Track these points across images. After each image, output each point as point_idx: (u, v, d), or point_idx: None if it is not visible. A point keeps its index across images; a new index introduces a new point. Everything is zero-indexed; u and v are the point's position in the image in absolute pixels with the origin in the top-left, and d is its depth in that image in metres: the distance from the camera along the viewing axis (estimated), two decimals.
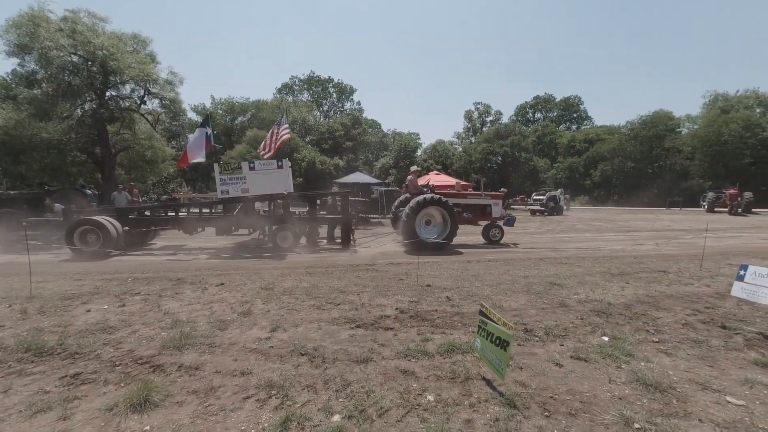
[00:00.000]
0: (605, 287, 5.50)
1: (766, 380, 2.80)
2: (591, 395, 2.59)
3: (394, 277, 6.10)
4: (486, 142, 43.63)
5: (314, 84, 59.13)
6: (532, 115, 66.90)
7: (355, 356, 3.19)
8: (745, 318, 4.22)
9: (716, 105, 40.72)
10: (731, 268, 6.48)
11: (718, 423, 2.28)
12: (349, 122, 43.12)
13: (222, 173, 9.52)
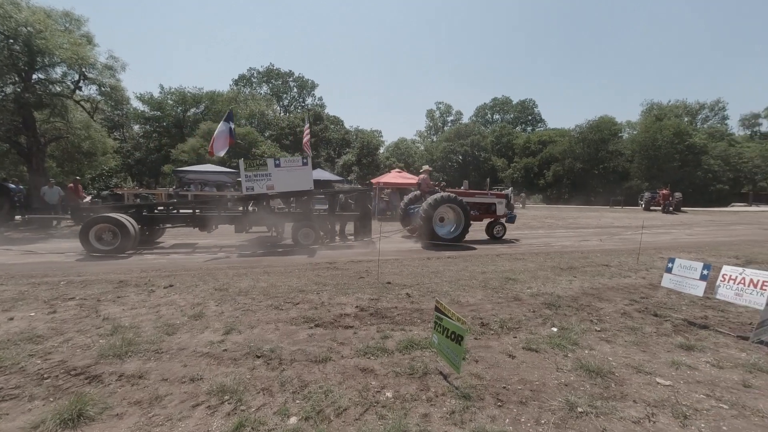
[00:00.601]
0: (555, 281, 5.83)
1: (689, 361, 3.11)
2: (540, 383, 2.73)
3: (355, 275, 6.06)
4: (447, 141, 44.74)
5: (274, 77, 56.92)
6: (491, 116, 69.45)
7: (314, 356, 3.13)
8: (673, 306, 4.66)
9: (652, 113, 44.74)
10: (662, 261, 7.12)
11: (649, 402, 2.49)
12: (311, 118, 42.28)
13: (247, 170, 9.25)
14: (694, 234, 13.63)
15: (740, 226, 16.66)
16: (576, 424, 2.25)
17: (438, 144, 46.55)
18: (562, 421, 2.28)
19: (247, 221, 9.71)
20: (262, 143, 33.59)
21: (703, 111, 51.59)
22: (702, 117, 51.66)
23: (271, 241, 10.41)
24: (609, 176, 41.29)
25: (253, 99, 45.52)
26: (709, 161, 37.59)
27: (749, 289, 3.78)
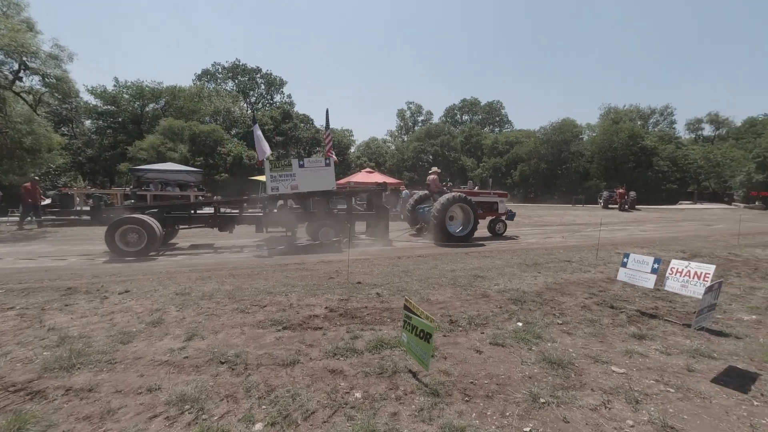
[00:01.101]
0: (521, 277, 6.03)
1: (641, 349, 3.31)
2: (506, 377, 2.80)
3: (325, 275, 5.99)
4: (417, 140, 45.22)
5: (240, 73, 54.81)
6: (460, 116, 70.92)
7: (281, 359, 3.05)
8: (628, 298, 4.94)
9: (609, 116, 47.42)
10: (619, 256, 7.55)
11: (605, 390, 2.63)
12: (280, 116, 41.09)
13: (272, 170, 9.40)
14: (647, 230, 14.59)
15: (686, 223, 18.01)
16: (538, 415, 2.33)
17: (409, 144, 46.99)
18: (525, 413, 2.35)
19: (268, 221, 9.75)
20: (228, 141, 32.40)
21: (654, 115, 55.36)
22: (653, 121, 55.41)
23: (288, 240, 10.49)
24: (571, 176, 43.35)
25: (218, 95, 43.76)
26: (659, 162, 40.35)
27: (693, 280, 4.08)
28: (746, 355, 3.22)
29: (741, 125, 50.77)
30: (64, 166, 28.57)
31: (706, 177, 42.22)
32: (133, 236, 7.92)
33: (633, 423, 2.26)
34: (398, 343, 3.28)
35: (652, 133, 47.92)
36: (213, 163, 29.44)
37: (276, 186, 9.33)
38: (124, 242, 7.87)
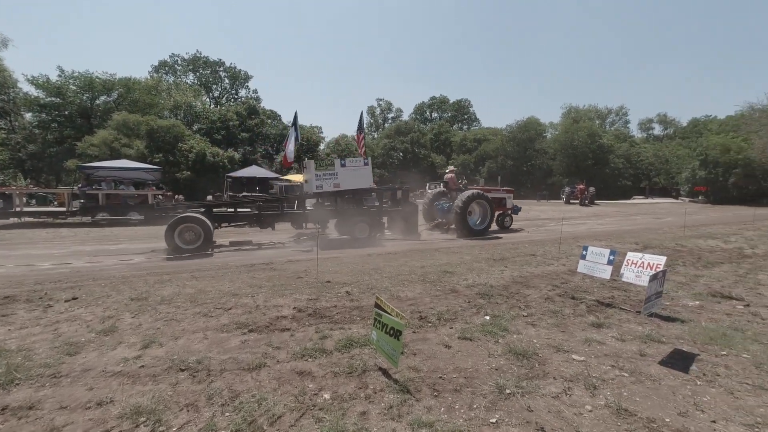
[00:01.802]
0: (489, 272, 6.18)
1: (599, 337, 3.48)
2: (473, 370, 2.85)
3: (293, 275, 5.85)
4: (387, 138, 45.31)
5: (201, 66, 52.05)
6: (429, 114, 71.75)
7: (247, 363, 2.94)
8: (587, 289, 5.19)
9: (570, 116, 49.67)
10: (579, 249, 7.93)
11: (566, 378, 2.73)
12: (245, 111, 39.58)
13: (317, 169, 9.94)
14: (605, 224, 15.45)
15: (639, 216, 19.25)
16: (504, 405, 2.39)
17: (379, 141, 47.00)
18: (492, 404, 2.40)
19: (306, 218, 10.21)
20: (190, 137, 30.89)
21: (610, 115, 58.63)
22: (610, 120, 58.67)
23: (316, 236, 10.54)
24: (536, 172, 45.13)
25: (178, 89, 41.54)
26: (615, 160, 42.86)
27: (646, 270, 4.34)
28: (690, 338, 3.47)
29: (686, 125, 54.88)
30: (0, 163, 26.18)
31: (657, 173, 45.33)
32: (191, 234, 8.27)
33: (591, 408, 2.36)
34: (368, 342, 3.25)
35: (609, 132, 50.78)
36: (174, 161, 27.99)
37: (320, 184, 9.93)
38: (183, 240, 8.18)
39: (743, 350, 3.18)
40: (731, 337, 3.43)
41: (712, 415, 2.28)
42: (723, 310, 4.31)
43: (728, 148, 33.13)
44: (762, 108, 21.38)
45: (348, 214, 10.40)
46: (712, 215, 20.48)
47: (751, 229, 12.81)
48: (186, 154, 28.37)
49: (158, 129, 28.04)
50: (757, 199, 31.91)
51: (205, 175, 28.35)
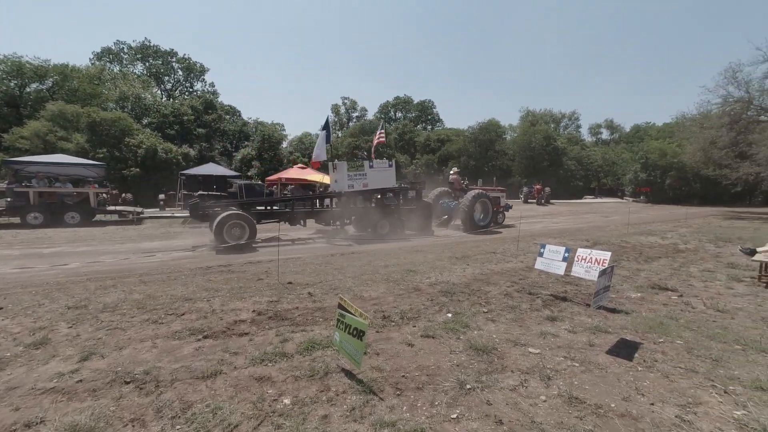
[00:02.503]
0: (451, 270, 6.31)
1: (553, 330, 3.66)
2: (436, 367, 2.88)
3: (253, 276, 5.64)
4: (352, 136, 45.05)
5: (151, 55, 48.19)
6: (394, 114, 72.22)
7: (201, 372, 2.78)
8: (543, 285, 5.44)
9: (528, 119, 52.07)
10: (536, 247, 8.31)
11: (523, 370, 2.84)
12: (201, 106, 37.41)
13: (349, 170, 10.85)
14: (559, 222, 16.34)
15: (589, 215, 20.56)
16: (465, 401, 2.43)
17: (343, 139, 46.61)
18: (453, 400, 2.43)
19: (335, 215, 10.91)
20: (139, 132, 28.79)
21: (564, 119, 62.15)
22: (563, 124, 62.18)
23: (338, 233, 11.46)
24: (496, 173, 46.80)
25: (125, 79, 38.49)
26: (568, 162, 45.50)
27: (594, 266, 4.62)
28: (633, 327, 3.73)
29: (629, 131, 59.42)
30: None
31: (605, 175, 48.72)
32: (237, 230, 8.80)
33: (545, 398, 2.47)
34: (331, 343, 3.19)
35: (562, 135, 53.81)
36: (120, 157, 25.98)
37: (352, 183, 10.85)
38: (231, 236, 8.68)
39: (677, 337, 3.47)
40: (667, 326, 3.73)
41: (651, 398, 2.47)
42: (660, 300, 4.69)
43: (665, 152, 36.36)
44: (692, 117, 23.61)
45: (372, 211, 11.08)
46: (652, 214, 22.34)
47: (684, 226, 14.10)
48: (134, 149, 26.39)
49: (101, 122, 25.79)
50: (689, 199, 35.32)
51: (157, 172, 26.59)
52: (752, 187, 23.46)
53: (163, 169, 26.83)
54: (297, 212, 10.47)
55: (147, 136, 28.18)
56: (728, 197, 32.39)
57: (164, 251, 8.46)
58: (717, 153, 21.03)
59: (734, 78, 20.45)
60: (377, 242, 10.06)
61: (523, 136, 46.45)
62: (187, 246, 9.29)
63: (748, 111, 20.72)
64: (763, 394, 2.50)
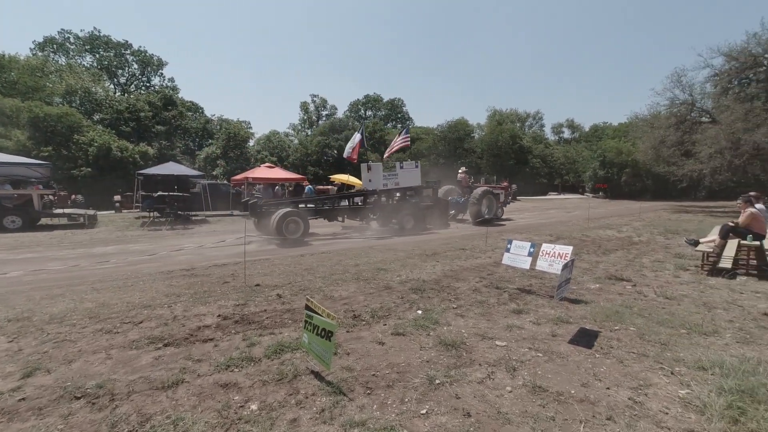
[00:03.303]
0: (421, 267, 6.37)
1: (519, 323, 3.78)
2: (406, 364, 2.90)
3: (218, 280, 5.43)
4: (322, 135, 44.47)
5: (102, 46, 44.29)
6: (364, 112, 72.00)
7: (161, 382, 2.64)
8: (510, 279, 5.61)
9: (495, 118, 53.55)
10: (504, 242, 8.56)
11: (490, 363, 2.92)
12: (160, 101, 35.34)
13: (384, 171, 12.25)
14: (525, 218, 16.95)
15: (553, 211, 21.47)
16: (434, 396, 2.46)
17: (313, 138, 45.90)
18: (422, 396, 2.46)
19: (370, 212, 12.02)
20: (90, 128, 26.86)
21: (528, 119, 64.45)
22: (528, 124, 64.48)
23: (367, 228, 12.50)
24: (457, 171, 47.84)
25: (72, 71, 35.60)
26: (533, 160, 47.28)
27: (557, 259, 4.82)
28: (592, 317, 3.93)
29: (588, 130, 62.57)
30: None
31: (567, 172, 51.03)
32: (293, 226, 9.77)
33: (511, 388, 2.55)
34: (300, 346, 3.13)
35: (527, 134, 55.79)
36: (69, 155, 24.16)
37: (386, 183, 12.10)
38: (288, 231, 9.64)
39: (631, 324, 3.70)
40: (622, 314, 3.96)
41: (607, 383, 2.61)
42: (616, 290, 4.98)
43: (621, 151, 38.65)
44: (643, 118, 25.25)
45: (400, 208, 12.14)
46: (610, 209, 23.67)
47: (637, 220, 15.04)
48: (84, 147, 24.61)
49: (45, 117, 23.81)
50: (643, 194, 37.76)
51: (112, 172, 24.97)
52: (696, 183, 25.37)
53: (118, 168, 25.24)
54: (337, 209, 11.75)
55: (99, 134, 26.35)
56: (676, 192, 34.86)
57: (120, 255, 7.97)
58: (666, 151, 22.60)
59: (679, 82, 22.10)
60: (407, 235, 11.09)
61: (490, 135, 47.74)
62: (144, 250, 8.81)
63: (692, 113, 22.46)
64: (704, 373, 2.71)
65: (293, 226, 9.77)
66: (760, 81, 19.37)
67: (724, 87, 20.48)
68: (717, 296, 4.66)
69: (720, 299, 4.53)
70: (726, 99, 20.30)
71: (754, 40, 19.22)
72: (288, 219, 9.68)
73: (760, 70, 19.32)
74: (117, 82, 45.92)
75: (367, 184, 12.36)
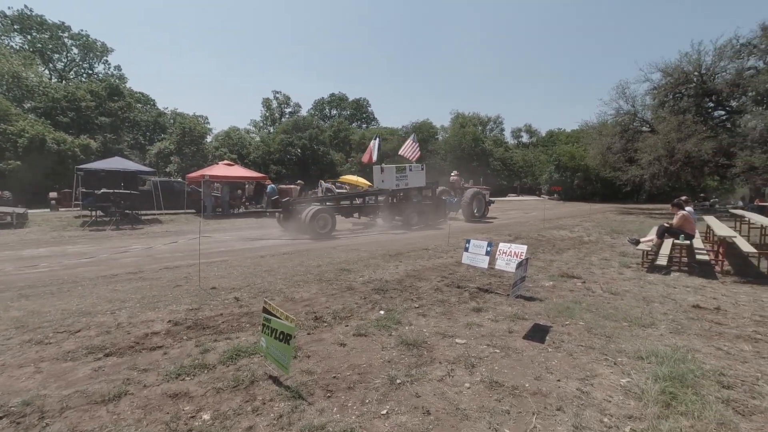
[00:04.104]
0: (384, 267, 6.38)
1: (478, 320, 3.89)
2: (367, 365, 2.88)
3: (169, 283, 5.11)
4: (285, 133, 43.41)
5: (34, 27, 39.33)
6: (329, 111, 71.19)
7: (100, 395, 2.43)
8: (470, 278, 5.75)
9: (458, 120, 55.00)
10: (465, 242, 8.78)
11: (450, 360, 2.97)
12: (104, 91, 32.42)
13: (397, 172, 13.43)
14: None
15: (513, 212, 22.41)
16: (395, 395, 2.46)
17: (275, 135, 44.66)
18: (383, 396, 2.45)
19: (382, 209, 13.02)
20: (20, 117, 24.20)
21: (489, 123, 66.85)
22: (489, 127, 66.86)
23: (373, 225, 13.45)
24: (430, 171, 48.73)
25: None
26: (494, 162, 49.13)
27: (513, 258, 5.03)
28: (546, 313, 4.13)
29: (545, 135, 66.03)
30: None
31: (525, 175, 53.55)
32: (323, 222, 10.56)
33: (470, 385, 2.61)
34: (258, 350, 3.02)
35: (489, 137, 57.86)
36: None
37: (398, 183, 13.37)
38: (318, 227, 10.38)
39: (580, 319, 3.93)
40: (572, 309, 4.20)
41: (558, 375, 2.75)
42: (568, 287, 5.27)
43: (573, 155, 41.17)
44: (592, 125, 27.10)
45: (407, 205, 13.26)
46: (564, 210, 25.09)
47: (588, 221, 16.07)
48: (13, 139, 22.20)
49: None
50: (593, 196, 40.43)
51: (47, 166, 22.73)
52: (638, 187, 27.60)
53: (54, 162, 23.02)
54: (354, 207, 12.77)
55: (30, 123, 23.85)
56: (621, 195, 37.67)
57: (55, 258, 7.27)
58: (612, 157, 24.36)
59: (623, 93, 23.93)
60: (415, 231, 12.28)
61: (453, 137, 49.01)
62: (84, 252, 8.11)
63: (634, 122, 24.41)
64: (642, 362, 2.93)
65: (322, 222, 10.59)
66: (690, 96, 21.44)
67: (661, 100, 22.44)
68: (654, 291, 5.08)
69: (657, 294, 4.94)
70: (663, 111, 22.24)
71: (685, 59, 21.28)
72: (318, 216, 10.44)
73: (690, 86, 21.39)
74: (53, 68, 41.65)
75: (380, 184, 13.72)
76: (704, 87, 20.89)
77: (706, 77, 21.00)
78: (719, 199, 33.22)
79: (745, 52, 20.00)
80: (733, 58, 20.23)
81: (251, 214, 17.13)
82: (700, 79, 21.11)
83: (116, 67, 44.43)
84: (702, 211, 19.83)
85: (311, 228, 10.23)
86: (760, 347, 3.30)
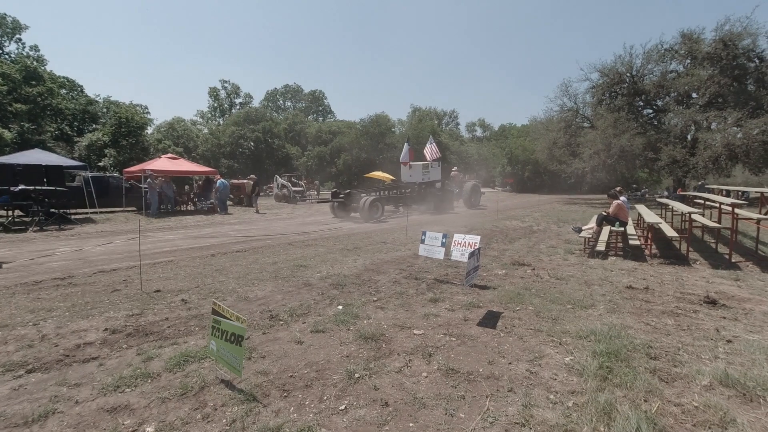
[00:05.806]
0: (343, 262, 6.32)
1: (435, 311, 3.97)
2: (325, 362, 2.83)
3: (105, 288, 4.67)
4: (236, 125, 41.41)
5: None
6: (283, 102, 68.93)
7: (22, 416, 2.17)
8: (428, 270, 5.86)
9: (415, 114, 55.71)
10: None
11: (408, 351, 3.01)
12: (19, 74, 28.70)
13: (423, 168, 16.64)
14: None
15: None
16: (353, 390, 2.44)
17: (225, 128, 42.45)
18: (341, 392, 2.42)
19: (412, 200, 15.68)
20: None
21: (445, 117, 68.42)
22: (445, 122, 68.45)
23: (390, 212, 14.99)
24: (387, 166, 48.92)
25: None
26: (450, 156, 50.39)
27: (468, 249, 5.18)
28: (498, 300, 4.32)
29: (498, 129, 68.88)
30: None
31: (481, 168, 55.69)
32: (375, 210, 13.28)
33: (427, 374, 2.66)
34: (207, 354, 2.85)
35: (445, 131, 59.22)
36: None
37: (423, 177, 16.41)
38: (372, 213, 13.02)
39: (529, 304, 4.15)
40: (523, 295, 4.43)
41: (509, 359, 2.88)
42: (519, 275, 5.55)
43: (525, 149, 43.41)
44: (540, 121, 28.77)
45: (427, 195, 16.03)
46: (515, 201, 26.40)
47: (537, 211, 17.04)
48: None
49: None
50: (541, 188, 43.00)
51: None
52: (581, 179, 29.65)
53: None
54: (391, 198, 15.31)
55: None
56: (566, 187, 40.39)
57: None
58: (557, 151, 26.02)
59: (567, 91, 25.59)
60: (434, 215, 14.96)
61: (411, 131, 49.58)
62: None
63: (576, 118, 26.19)
64: (584, 341, 3.16)
65: (375, 209, 13.25)
66: (624, 95, 23.39)
67: (599, 98, 24.28)
68: (594, 275, 5.50)
69: (596, 277, 5.36)
70: (600, 108, 24.08)
71: (619, 61, 23.14)
72: (373, 204, 13.19)
73: (624, 86, 23.34)
74: None
75: (407, 178, 16.64)
76: (635, 87, 22.91)
77: (636, 78, 23.02)
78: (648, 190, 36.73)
79: (668, 57, 22.20)
80: (658, 61, 22.38)
81: (200, 212, 16.21)
82: (632, 80, 23.10)
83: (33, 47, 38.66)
84: (634, 200, 21.90)
85: (369, 214, 12.88)
86: (681, 321, 3.69)
